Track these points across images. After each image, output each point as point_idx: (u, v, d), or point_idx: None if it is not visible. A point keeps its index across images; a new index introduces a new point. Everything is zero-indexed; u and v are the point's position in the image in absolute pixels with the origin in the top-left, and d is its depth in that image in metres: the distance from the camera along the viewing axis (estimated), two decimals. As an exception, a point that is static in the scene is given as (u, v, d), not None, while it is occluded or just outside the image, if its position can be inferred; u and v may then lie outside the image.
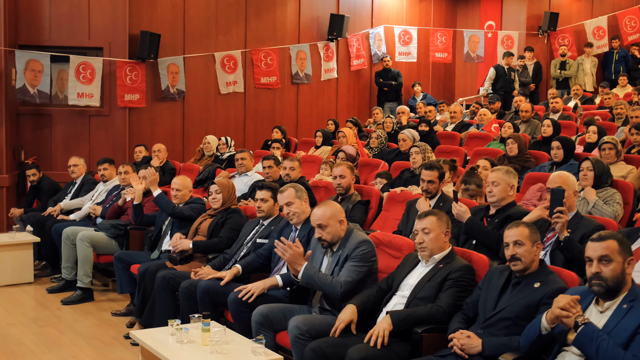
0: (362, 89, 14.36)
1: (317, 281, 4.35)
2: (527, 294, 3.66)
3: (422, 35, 15.01)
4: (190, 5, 11.59)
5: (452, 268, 4.07)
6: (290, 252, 4.38)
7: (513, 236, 3.76)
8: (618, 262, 3.19)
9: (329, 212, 4.48)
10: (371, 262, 4.43)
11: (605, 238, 3.26)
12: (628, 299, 3.17)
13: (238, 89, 12.15)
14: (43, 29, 10.26)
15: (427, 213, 4.25)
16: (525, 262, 3.71)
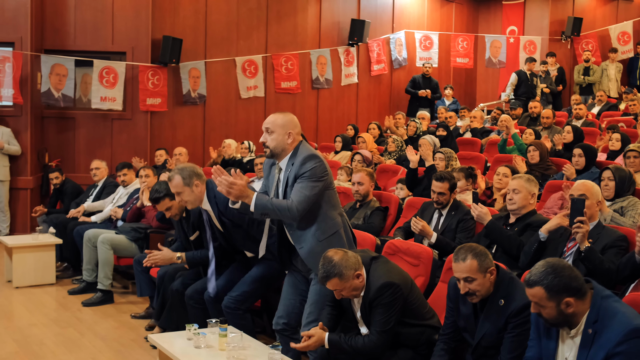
0: (382, 94, 14.36)
1: (270, 208, 4.08)
2: (495, 317, 3.56)
3: (443, 40, 14.99)
4: (212, 10, 11.68)
5: (370, 294, 3.90)
6: (236, 188, 4.02)
7: (462, 272, 3.57)
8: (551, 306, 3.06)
9: (280, 120, 4.23)
10: (324, 178, 4.17)
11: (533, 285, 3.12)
12: (591, 322, 3.05)
13: (259, 93, 12.20)
14: (68, 34, 10.39)
15: (325, 277, 3.86)
16: (482, 293, 3.59)
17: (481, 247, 3.63)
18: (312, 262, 4.20)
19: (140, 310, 6.71)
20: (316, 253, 4.14)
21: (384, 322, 3.83)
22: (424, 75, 13.67)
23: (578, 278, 3.06)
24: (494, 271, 3.59)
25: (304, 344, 3.90)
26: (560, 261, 3.12)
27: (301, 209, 4.06)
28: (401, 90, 14.29)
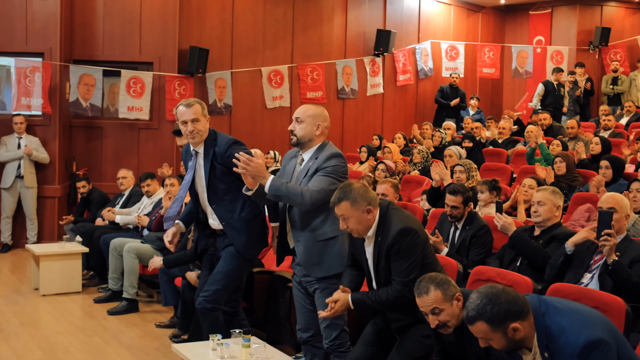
0: (408, 104, 14.34)
1: (284, 191, 4.06)
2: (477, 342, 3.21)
3: (469, 50, 14.94)
4: (238, 21, 11.75)
5: (387, 240, 3.78)
6: (252, 165, 4.04)
7: (428, 305, 3.37)
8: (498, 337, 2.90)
9: (311, 111, 4.25)
10: (343, 179, 4.14)
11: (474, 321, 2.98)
12: (543, 346, 2.89)
13: (284, 103, 12.25)
14: (96, 45, 10.52)
15: (337, 200, 3.79)
16: (454, 323, 3.40)
17: (442, 276, 3.47)
18: (306, 260, 4.19)
19: (165, 320, 6.74)
20: (311, 251, 4.16)
21: (407, 271, 3.73)
22: (451, 85, 13.62)
23: (517, 299, 2.88)
24: (460, 297, 3.39)
25: (331, 311, 3.84)
26: (493, 287, 2.94)
27: (314, 198, 4.02)
28: (427, 101, 14.26)
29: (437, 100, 13.62)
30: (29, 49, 9.93)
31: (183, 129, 4.61)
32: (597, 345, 2.77)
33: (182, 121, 4.58)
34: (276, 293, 5.58)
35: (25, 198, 9.79)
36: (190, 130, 4.56)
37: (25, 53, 9.90)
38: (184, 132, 4.60)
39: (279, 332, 5.58)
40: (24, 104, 9.75)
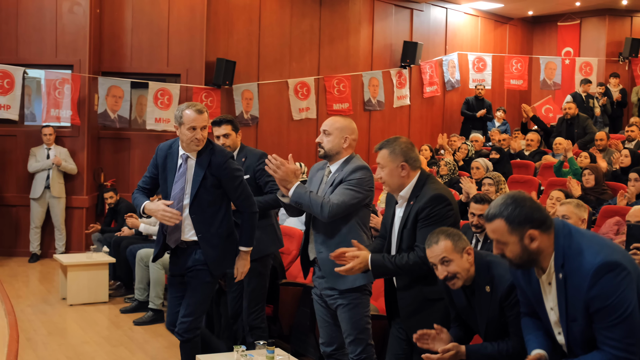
0: (434, 116, 14.29)
1: (306, 200, 4.03)
2: (487, 306, 3.36)
3: (496, 62, 14.86)
4: (265, 33, 11.81)
5: (419, 204, 3.70)
6: (283, 169, 4.04)
7: (437, 255, 3.37)
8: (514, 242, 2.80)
9: (339, 124, 4.22)
10: (368, 192, 4.10)
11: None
12: (559, 266, 2.77)
13: (311, 115, 12.27)
14: (124, 57, 10.63)
15: (380, 146, 3.84)
16: (463, 276, 3.37)
17: (453, 229, 3.47)
18: (328, 270, 4.14)
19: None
20: (334, 263, 4.06)
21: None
22: (476, 96, 13.54)
23: (542, 210, 2.81)
24: (471, 251, 3.39)
25: (349, 266, 3.75)
26: (521, 192, 2.89)
27: (333, 211, 3.98)
28: (454, 112, 14.21)
29: (463, 113, 13.55)
30: (59, 61, 10.06)
31: (190, 134, 4.37)
32: (613, 268, 2.64)
33: (192, 126, 4.37)
34: (301, 304, 5.56)
35: (53, 208, 9.89)
36: (198, 138, 4.38)
37: (55, 65, 10.04)
38: (191, 137, 4.39)
39: (303, 343, 5.56)
40: (54, 115, 9.87)
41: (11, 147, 10.11)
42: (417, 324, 3.69)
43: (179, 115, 4.45)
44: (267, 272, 5.32)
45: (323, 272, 4.21)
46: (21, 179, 10.07)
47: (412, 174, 3.78)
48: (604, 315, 2.64)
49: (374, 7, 13.04)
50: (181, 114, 4.43)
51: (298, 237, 6.43)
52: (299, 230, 6.50)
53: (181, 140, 4.48)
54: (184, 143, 4.46)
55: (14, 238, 10.16)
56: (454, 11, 14.51)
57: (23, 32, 10.07)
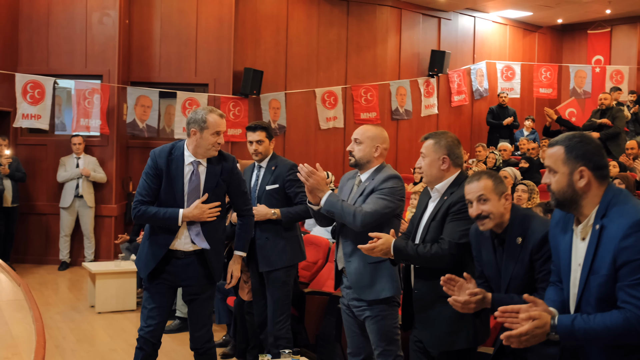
0: (463, 125, 14.20)
1: (338, 208, 4.03)
2: (516, 257, 3.27)
3: (525, 70, 14.75)
4: (292, 42, 11.85)
5: (453, 198, 3.65)
6: (314, 178, 4.03)
7: (475, 192, 3.32)
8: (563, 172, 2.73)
9: (371, 132, 4.19)
10: (399, 201, 4.07)
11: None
12: (599, 216, 2.67)
13: (338, 124, 12.26)
14: (153, 67, 10.73)
15: (426, 136, 3.83)
16: (495, 219, 3.30)
17: (497, 173, 3.45)
18: (357, 282, 4.12)
19: (216, 339, 6.75)
20: (361, 274, 4.08)
21: (459, 233, 3.61)
22: (500, 105, 13.47)
23: (603, 157, 2.75)
24: (509, 198, 3.34)
25: (371, 245, 3.69)
26: (592, 135, 2.85)
27: (366, 220, 3.95)
28: (482, 121, 14.10)
29: (489, 122, 13.46)
30: (89, 71, 10.19)
31: (213, 139, 4.24)
32: None
33: (217, 131, 4.24)
34: (327, 314, 5.53)
35: (83, 217, 9.99)
36: (220, 143, 4.28)
37: (84, 75, 10.17)
38: (213, 142, 4.25)
39: (329, 353, 5.53)
40: (83, 125, 9.98)
41: (41, 156, 10.25)
42: (429, 320, 3.66)
43: (202, 119, 4.25)
44: (291, 282, 5.30)
45: (350, 283, 4.18)
46: (51, 187, 10.19)
47: (453, 170, 3.75)
48: (630, 271, 2.54)
49: (401, 16, 13.01)
50: (204, 119, 4.24)
51: (324, 246, 6.41)
52: (325, 239, 6.48)
53: (197, 146, 4.27)
54: (202, 149, 4.26)
55: (44, 246, 10.28)
56: (482, 20, 14.43)
57: (54, 43, 10.21)
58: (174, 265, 4.35)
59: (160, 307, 4.40)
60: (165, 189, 4.29)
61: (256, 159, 5.28)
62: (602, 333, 2.56)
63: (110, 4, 10.15)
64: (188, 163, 4.29)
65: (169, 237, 4.31)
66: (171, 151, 4.33)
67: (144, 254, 4.42)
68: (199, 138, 4.24)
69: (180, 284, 4.40)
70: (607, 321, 2.55)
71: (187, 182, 4.29)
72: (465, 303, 3.21)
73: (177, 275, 4.35)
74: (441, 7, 13.46)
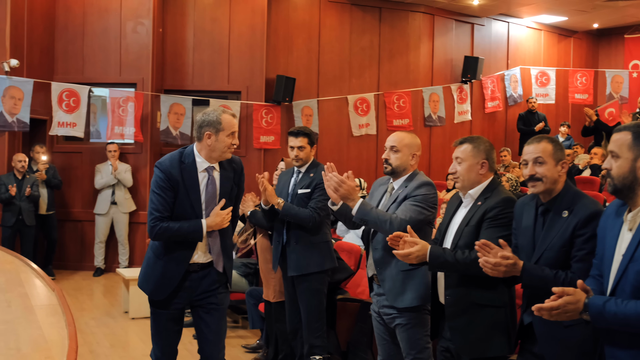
0: (497, 131, 14.07)
1: (372, 217, 3.98)
2: (557, 230, 3.21)
3: (560, 76, 14.57)
4: (324, 49, 11.87)
5: (489, 203, 3.59)
6: (345, 187, 4.00)
7: (533, 153, 3.32)
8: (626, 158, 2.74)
9: (407, 140, 4.19)
10: (432, 209, 4.06)
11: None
12: None
13: (370, 131, 12.23)
14: (186, 75, 10.82)
15: (462, 140, 3.79)
16: (547, 184, 3.27)
17: (558, 140, 3.42)
18: (388, 289, 4.10)
19: (251, 342, 6.76)
20: (394, 281, 4.06)
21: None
22: (530, 110, 13.35)
23: None
24: (566, 166, 3.32)
25: (407, 250, 3.62)
26: None
27: (402, 227, 3.89)
28: (516, 127, 13.95)
29: (520, 129, 13.32)
30: (123, 79, 10.32)
31: (229, 141, 4.01)
32: None
33: (232, 132, 4.02)
34: (359, 320, 5.50)
35: (117, 224, 10.10)
36: (235, 144, 4.05)
37: (119, 84, 10.30)
38: (229, 144, 4.01)
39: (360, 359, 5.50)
40: (117, 132, 10.10)
41: (77, 163, 10.39)
42: (461, 327, 3.61)
43: (216, 120, 4.00)
44: (324, 289, 5.28)
45: (383, 290, 4.15)
46: (86, 194, 10.32)
47: (488, 175, 3.72)
48: None
49: (434, 23, 12.95)
50: (219, 120, 4.00)
51: (356, 253, 6.38)
52: (357, 246, 6.45)
53: (213, 149, 4.02)
54: (218, 152, 4.02)
55: (79, 252, 10.41)
56: (516, 25, 14.30)
57: (89, 52, 10.36)
58: (190, 280, 4.10)
59: (176, 331, 4.23)
60: (181, 200, 4.00)
61: (296, 164, 5.29)
62: (632, 319, 2.55)
63: (144, 13, 10.28)
64: (202, 170, 4.04)
65: (189, 252, 4.05)
66: (182, 159, 4.03)
67: (157, 274, 4.09)
68: (215, 141, 3.99)
69: (195, 298, 4.13)
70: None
71: (204, 191, 4.05)
72: (495, 265, 3.19)
73: (192, 290, 4.12)
74: (474, 13, 13.37)
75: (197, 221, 3.99)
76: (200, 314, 4.14)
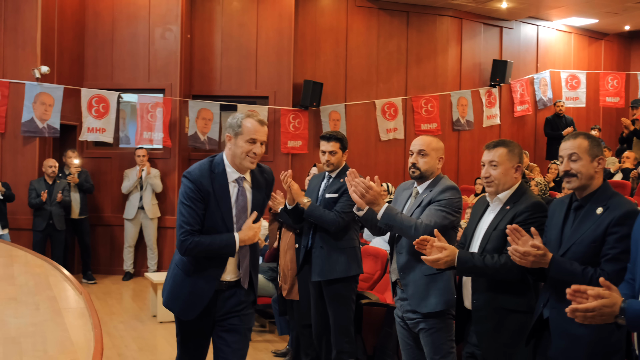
0: (526, 135, 13.93)
1: (398, 222, 3.95)
2: (589, 225, 3.16)
3: (591, 79, 14.39)
4: (352, 54, 11.86)
5: (519, 207, 3.56)
6: (371, 193, 3.97)
7: (568, 149, 3.29)
8: None
9: (435, 144, 4.16)
10: (457, 213, 4.03)
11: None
12: None
13: (398, 135, 12.19)
14: (214, 80, 10.89)
15: (496, 144, 3.75)
16: (582, 180, 3.24)
17: (595, 137, 3.36)
18: (412, 293, 4.07)
19: (280, 348, 6.76)
20: (418, 285, 4.03)
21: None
22: (557, 114, 13.20)
23: None
24: (603, 162, 3.29)
25: (435, 256, 3.57)
26: None
27: (427, 232, 3.86)
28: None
29: (547, 133, 13.17)
30: (151, 85, 10.41)
31: (246, 147, 3.71)
32: None
33: (251, 139, 3.71)
34: (385, 325, 5.47)
35: (146, 228, 10.18)
36: (257, 152, 3.73)
37: (147, 90, 10.39)
38: (247, 150, 3.70)
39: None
40: (146, 138, 10.18)
41: (106, 168, 10.50)
42: (488, 332, 3.57)
43: (237, 123, 3.75)
44: (351, 295, 5.25)
45: (407, 295, 4.12)
46: (115, 199, 10.42)
47: (519, 179, 3.72)
48: None
49: (462, 26, 12.88)
50: (239, 123, 3.74)
51: (383, 257, 6.35)
52: (384, 250, 6.43)
53: (232, 155, 3.77)
54: (237, 158, 3.74)
55: (109, 257, 10.51)
56: (546, 28, 14.16)
57: (118, 59, 10.47)
58: (218, 299, 3.84)
59: (204, 345, 3.94)
60: (212, 213, 3.72)
61: (327, 169, 5.28)
62: None
63: (172, 20, 10.36)
64: (232, 180, 3.78)
65: (219, 269, 3.79)
66: (211, 168, 3.76)
67: (185, 292, 3.81)
68: (233, 145, 3.74)
69: (218, 318, 3.86)
70: None
71: (234, 203, 3.78)
72: (524, 254, 3.16)
73: (217, 310, 3.84)
74: (503, 16, 13.26)
75: (230, 235, 3.73)
76: (220, 333, 3.88)
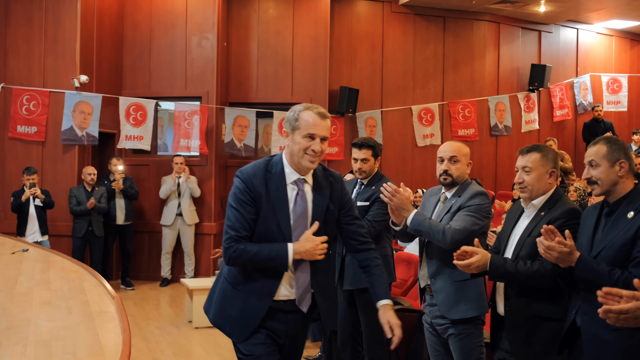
0: (566, 140, 13.73)
1: (426, 227, 3.91)
2: (620, 229, 3.07)
3: (633, 82, 14.14)
4: (388, 60, 11.84)
5: (555, 213, 3.49)
6: (398, 197, 3.96)
7: (588, 155, 3.25)
8: None
9: (464, 150, 4.14)
10: (487, 218, 3.99)
11: None
12: None
13: (435, 141, 12.11)
14: (250, 88, 10.96)
15: (529, 149, 3.68)
16: (603, 186, 3.19)
17: (620, 140, 3.27)
18: (442, 300, 4.03)
19: (312, 354, 6.76)
20: (448, 292, 3.99)
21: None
22: (595, 119, 12.98)
23: None
24: (626, 165, 3.17)
25: (467, 261, 3.52)
26: None
27: (456, 237, 3.85)
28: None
29: (586, 139, 12.95)
30: (188, 93, 10.51)
31: (305, 143, 3.23)
32: None
33: (309, 134, 3.23)
34: (417, 331, 5.43)
35: (184, 235, 10.27)
36: (315, 150, 3.23)
37: (184, 97, 10.50)
38: (305, 147, 3.23)
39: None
40: (183, 145, 10.28)
41: (144, 175, 10.62)
42: (520, 339, 3.52)
43: (294, 117, 3.27)
44: None
45: (436, 301, 4.09)
46: (153, 206, 10.54)
47: (554, 184, 3.66)
48: None
49: (499, 31, 12.77)
50: (297, 116, 3.26)
51: (416, 263, 6.31)
52: (416, 256, 6.39)
53: (290, 153, 3.31)
54: (295, 156, 3.28)
55: (147, 263, 10.62)
56: (586, 31, 13.95)
57: (155, 67, 10.61)
58: (277, 320, 3.36)
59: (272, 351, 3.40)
60: (264, 217, 3.26)
61: (360, 177, 5.24)
62: None
63: (208, 28, 10.46)
64: (291, 182, 3.31)
65: (274, 283, 3.29)
66: (267, 168, 3.31)
67: (235, 309, 3.37)
68: (291, 141, 3.28)
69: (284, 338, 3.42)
70: None
71: (292, 208, 3.30)
72: (548, 248, 3.11)
73: (275, 333, 3.38)
74: (541, 20, 13.11)
75: (282, 245, 3.22)
76: None
